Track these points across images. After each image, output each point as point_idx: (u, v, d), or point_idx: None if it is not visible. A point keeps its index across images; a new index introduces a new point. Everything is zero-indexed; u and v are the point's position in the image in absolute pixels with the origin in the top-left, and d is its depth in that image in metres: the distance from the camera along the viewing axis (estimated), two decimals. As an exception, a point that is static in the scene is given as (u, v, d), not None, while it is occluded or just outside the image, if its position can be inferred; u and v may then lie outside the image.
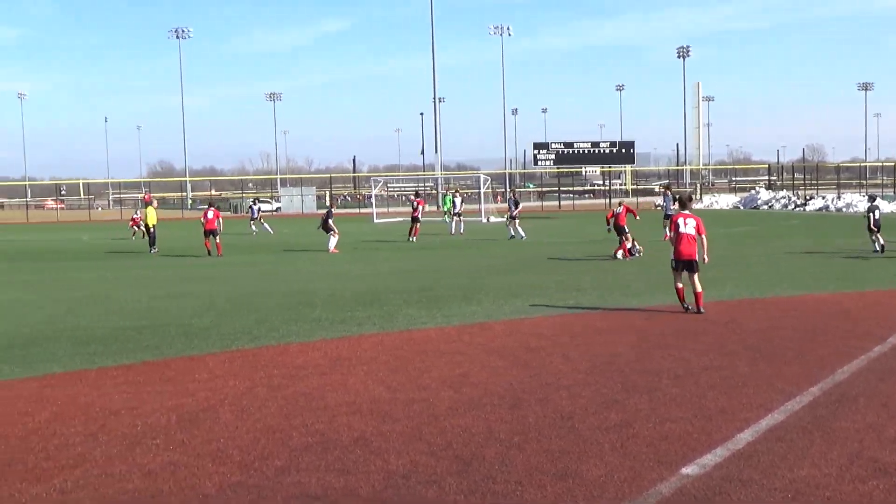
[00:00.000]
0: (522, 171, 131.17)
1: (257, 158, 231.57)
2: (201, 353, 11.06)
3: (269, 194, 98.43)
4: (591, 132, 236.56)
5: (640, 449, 6.61)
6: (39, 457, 6.76)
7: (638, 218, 25.97)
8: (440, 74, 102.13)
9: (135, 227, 41.25)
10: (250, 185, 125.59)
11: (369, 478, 6.08)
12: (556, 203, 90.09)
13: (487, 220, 53.30)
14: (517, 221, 34.52)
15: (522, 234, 34.09)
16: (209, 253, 28.54)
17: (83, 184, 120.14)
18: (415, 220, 34.16)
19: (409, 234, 33.97)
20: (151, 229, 31.33)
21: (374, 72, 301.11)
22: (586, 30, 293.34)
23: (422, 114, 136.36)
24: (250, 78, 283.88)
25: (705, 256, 13.52)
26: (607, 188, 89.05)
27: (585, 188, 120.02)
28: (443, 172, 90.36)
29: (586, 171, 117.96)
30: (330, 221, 29.17)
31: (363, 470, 6.25)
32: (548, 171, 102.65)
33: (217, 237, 28.66)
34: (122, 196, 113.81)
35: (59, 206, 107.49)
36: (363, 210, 77.34)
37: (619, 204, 25.73)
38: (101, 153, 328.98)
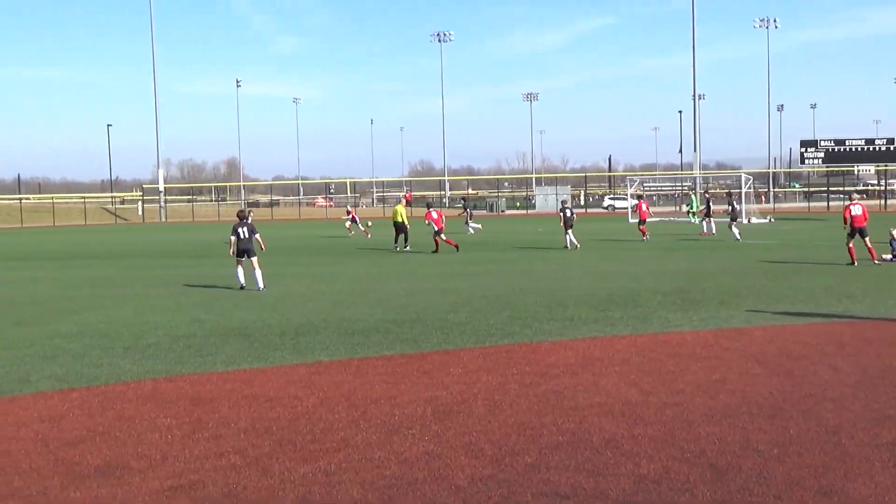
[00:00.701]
0: (788, 170, 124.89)
1: (513, 158, 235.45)
2: (456, 347, 11.38)
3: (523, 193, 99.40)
4: (865, 128, 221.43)
5: (915, 470, 6.11)
6: (307, 439, 7.21)
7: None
8: (700, 71, 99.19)
9: (353, 222, 43.59)
10: (506, 184, 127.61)
11: (619, 481, 6.01)
12: (825, 204, 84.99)
13: (749, 220, 51.21)
14: (734, 223, 34.50)
15: (737, 236, 33.68)
16: (436, 250, 29.62)
17: (350, 182, 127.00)
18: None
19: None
20: (405, 227, 31.81)
21: (631, 70, 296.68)
22: (859, 19, 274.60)
23: (680, 112, 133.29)
24: (508, 78, 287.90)
25: None
26: (883, 188, 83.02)
27: (858, 188, 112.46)
28: (701, 171, 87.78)
29: (859, 170, 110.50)
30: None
31: (613, 472, 6.18)
32: (816, 170, 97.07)
33: (443, 234, 29.88)
34: (384, 194, 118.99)
35: (328, 203, 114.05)
36: (620, 210, 76.50)
37: (854, 200, 22.31)
38: (366, 153, 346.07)
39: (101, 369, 10.38)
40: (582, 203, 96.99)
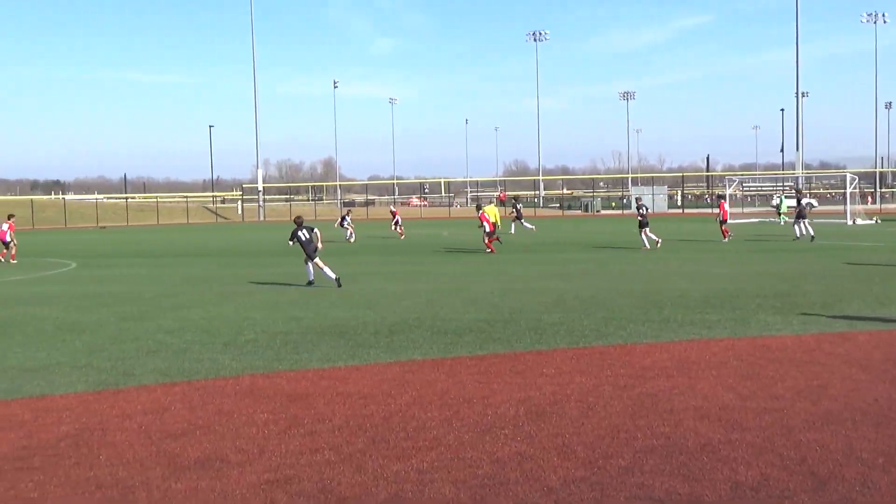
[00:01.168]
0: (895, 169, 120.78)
1: (609, 157, 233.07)
2: (550, 348, 11.32)
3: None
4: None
5: None
6: (400, 437, 7.27)
7: None
8: (804, 67, 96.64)
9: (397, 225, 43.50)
10: (601, 183, 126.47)
11: (716, 487, 5.89)
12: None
13: (853, 222, 49.66)
14: (804, 221, 34.04)
15: (803, 232, 33.53)
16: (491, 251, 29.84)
17: (444, 182, 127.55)
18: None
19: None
20: (489, 227, 31.51)
21: (732, 67, 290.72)
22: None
23: (782, 109, 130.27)
24: (604, 77, 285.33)
25: None
26: None
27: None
28: (804, 171, 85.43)
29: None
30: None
31: (709, 478, 6.07)
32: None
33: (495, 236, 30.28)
34: (479, 194, 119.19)
35: (422, 203, 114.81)
36: (714, 210, 75.23)
37: None
38: (461, 153, 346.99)
39: (201, 364, 10.66)
40: (679, 203, 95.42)
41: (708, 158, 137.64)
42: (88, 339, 12.69)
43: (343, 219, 42.08)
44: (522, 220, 43.54)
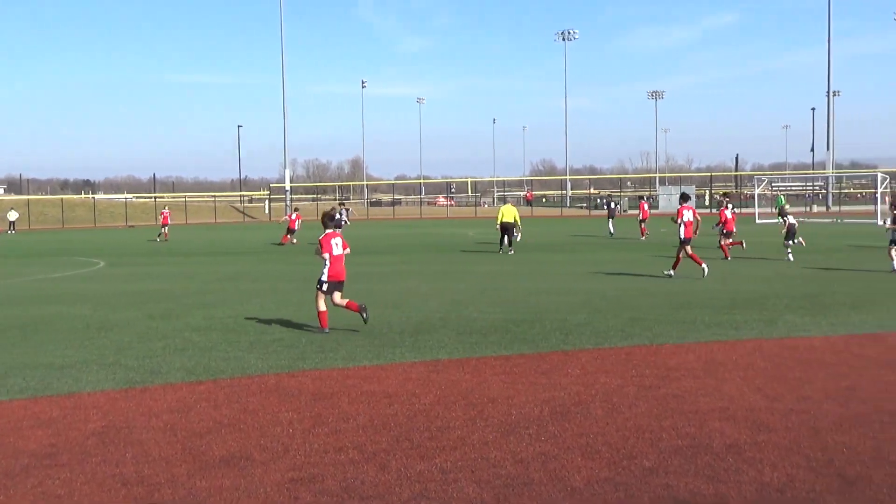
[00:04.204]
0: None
1: (637, 157, 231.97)
2: (575, 348, 11.28)
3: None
4: None
5: None
6: (424, 436, 7.27)
7: None
8: (836, 66, 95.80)
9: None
10: (629, 183, 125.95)
11: (741, 488, 5.85)
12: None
13: (884, 223, 49.06)
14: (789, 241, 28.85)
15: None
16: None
17: (471, 182, 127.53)
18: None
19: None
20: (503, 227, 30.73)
21: (762, 66, 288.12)
22: None
23: (813, 109, 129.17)
24: (633, 77, 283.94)
25: None
26: None
27: None
28: (834, 171, 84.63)
29: None
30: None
31: (735, 479, 6.02)
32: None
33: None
34: (505, 194, 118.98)
35: (449, 202, 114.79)
36: (745, 210, 74.55)
37: None
38: (488, 153, 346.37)
39: (227, 363, 10.71)
40: (707, 203, 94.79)
41: (737, 158, 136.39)
42: (116, 338, 12.79)
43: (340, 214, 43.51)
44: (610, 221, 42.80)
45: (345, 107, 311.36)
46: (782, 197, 58.19)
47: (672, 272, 20.44)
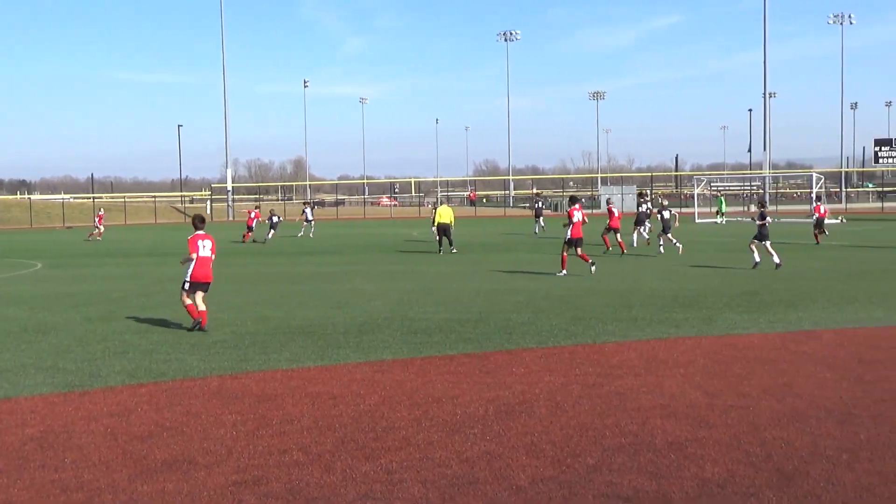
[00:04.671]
0: (861, 169, 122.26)
1: (579, 157, 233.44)
2: (519, 347, 11.34)
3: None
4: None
5: None
6: (369, 437, 7.26)
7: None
8: (772, 68, 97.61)
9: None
10: (571, 183, 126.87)
11: (683, 484, 5.93)
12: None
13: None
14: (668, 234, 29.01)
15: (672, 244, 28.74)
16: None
17: (414, 182, 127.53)
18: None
19: None
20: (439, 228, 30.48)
21: (702, 68, 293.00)
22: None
23: (750, 110, 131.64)
24: (575, 78, 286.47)
25: None
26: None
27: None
28: (771, 171, 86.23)
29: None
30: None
31: (676, 475, 6.11)
32: (890, 169, 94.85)
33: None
34: (448, 194, 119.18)
35: (392, 203, 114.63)
36: (684, 210, 75.59)
37: None
38: (431, 153, 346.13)
39: (168, 365, 10.57)
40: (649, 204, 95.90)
41: (677, 158, 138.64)
42: (54, 341, 12.55)
43: (304, 212, 43.87)
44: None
45: (287, 106, 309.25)
46: (722, 199, 59.07)
47: (565, 272, 21.13)
